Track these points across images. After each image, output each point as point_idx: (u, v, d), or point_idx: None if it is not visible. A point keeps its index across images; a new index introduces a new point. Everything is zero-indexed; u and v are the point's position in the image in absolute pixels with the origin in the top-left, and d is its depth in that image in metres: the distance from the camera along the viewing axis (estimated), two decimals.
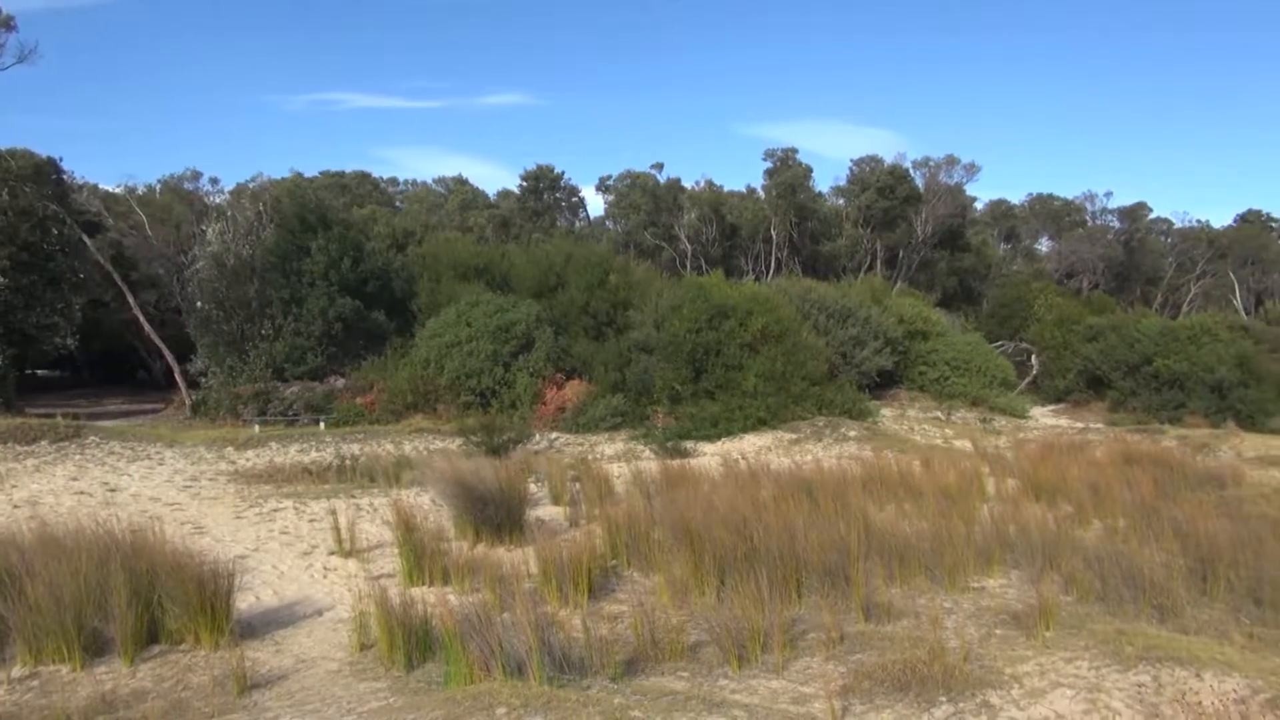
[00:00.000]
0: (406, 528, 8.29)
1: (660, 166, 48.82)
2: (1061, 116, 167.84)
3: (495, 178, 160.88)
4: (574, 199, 52.37)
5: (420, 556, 8.05)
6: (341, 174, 53.40)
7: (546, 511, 11.67)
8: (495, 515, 9.64)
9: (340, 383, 24.11)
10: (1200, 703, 4.44)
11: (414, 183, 61.12)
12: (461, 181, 57.32)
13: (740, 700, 5.08)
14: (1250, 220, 64.01)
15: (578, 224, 52.20)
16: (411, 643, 5.79)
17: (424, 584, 7.86)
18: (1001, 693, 5.01)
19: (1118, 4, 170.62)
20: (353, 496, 12.73)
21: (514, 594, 6.52)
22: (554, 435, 20.92)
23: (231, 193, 35.03)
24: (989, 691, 5.02)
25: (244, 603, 7.25)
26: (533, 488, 12.96)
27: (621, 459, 18.25)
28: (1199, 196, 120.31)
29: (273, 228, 26.76)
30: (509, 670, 5.03)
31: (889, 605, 6.85)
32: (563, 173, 50.42)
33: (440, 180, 59.16)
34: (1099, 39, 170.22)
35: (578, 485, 13.17)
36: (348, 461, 16.58)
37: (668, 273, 37.54)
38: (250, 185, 37.57)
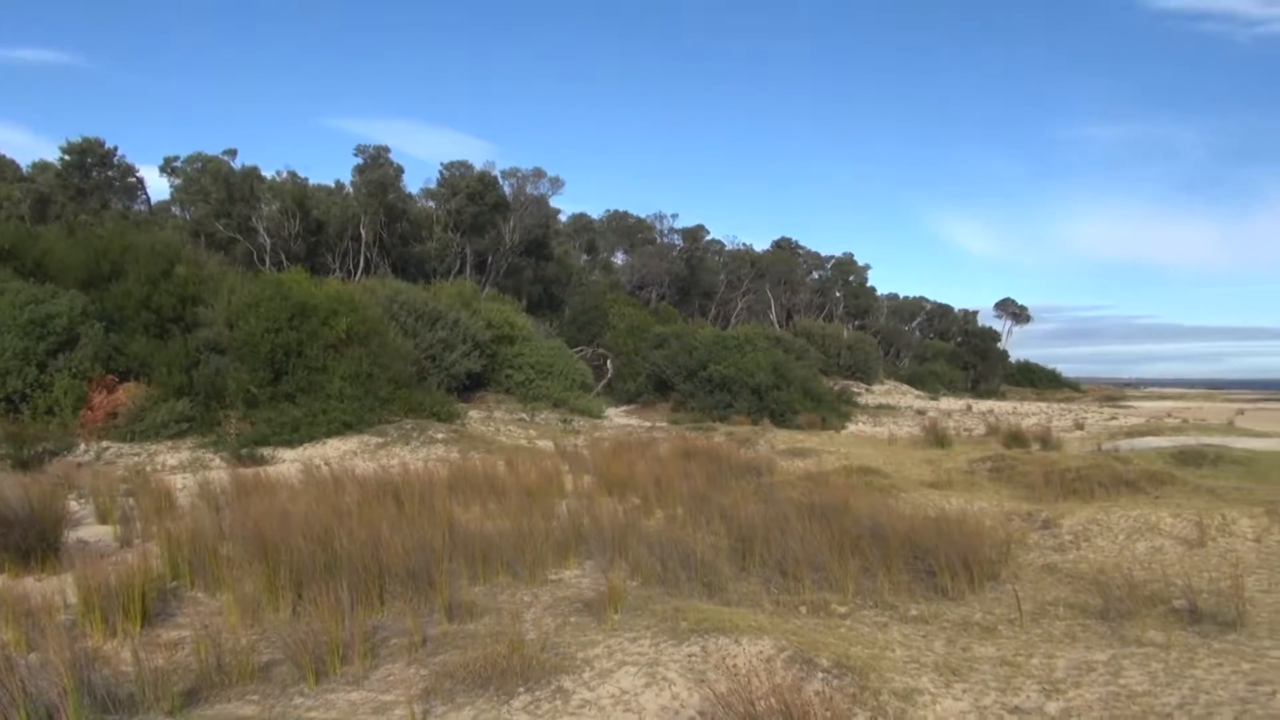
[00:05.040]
0: None
1: (234, 152, 45.02)
2: (636, 142, 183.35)
3: (29, 146, 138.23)
4: (131, 179, 46.51)
5: None
6: None
7: (92, 532, 10.25)
8: (22, 539, 8.26)
9: None
10: (737, 665, 5.07)
11: None
12: None
13: (316, 717, 4.88)
14: (783, 246, 74.72)
15: (136, 208, 46.49)
16: None
17: None
18: (574, 676, 5.32)
19: (674, 51, 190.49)
20: None
21: (44, 630, 5.65)
22: (104, 445, 18.47)
23: None
24: (563, 677, 5.31)
25: None
26: (74, 505, 11.32)
27: (188, 469, 16.64)
28: (744, 223, 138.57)
29: None
30: (36, 719, 4.35)
31: (472, 604, 6.97)
32: (116, 148, 44.54)
33: None
34: (665, 77, 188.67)
35: (132, 500, 11.76)
36: None
37: (245, 267, 34.81)
38: None
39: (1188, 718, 4.60)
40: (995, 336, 78.01)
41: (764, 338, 40.42)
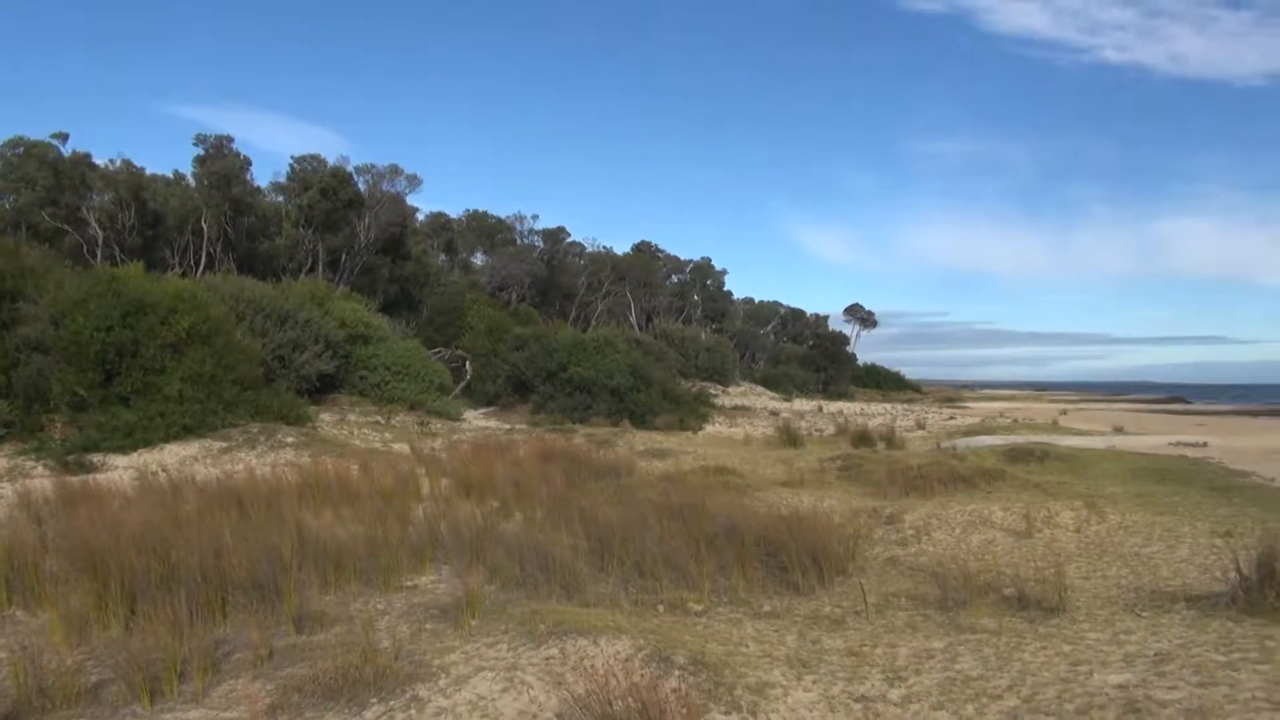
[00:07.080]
0: None
1: (65, 137, 41.74)
2: (497, 142, 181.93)
3: None
4: None
5: None
6: None
7: None
8: None
9: None
10: (595, 665, 5.09)
11: None
12: None
13: None
14: (643, 250, 75.48)
15: None
16: None
17: None
18: (430, 684, 5.22)
19: (534, 51, 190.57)
20: None
21: None
22: None
23: None
24: (418, 685, 5.19)
25: None
26: None
27: (5, 478, 15.42)
28: (605, 226, 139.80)
29: None
30: None
31: (323, 613, 6.74)
32: None
33: None
34: (525, 76, 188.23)
35: None
36: None
37: (73, 261, 32.45)
38: None
39: (1016, 699, 4.91)
40: (845, 340, 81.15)
41: (624, 340, 40.71)
